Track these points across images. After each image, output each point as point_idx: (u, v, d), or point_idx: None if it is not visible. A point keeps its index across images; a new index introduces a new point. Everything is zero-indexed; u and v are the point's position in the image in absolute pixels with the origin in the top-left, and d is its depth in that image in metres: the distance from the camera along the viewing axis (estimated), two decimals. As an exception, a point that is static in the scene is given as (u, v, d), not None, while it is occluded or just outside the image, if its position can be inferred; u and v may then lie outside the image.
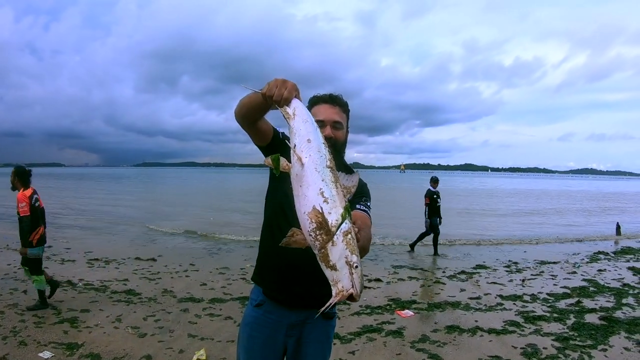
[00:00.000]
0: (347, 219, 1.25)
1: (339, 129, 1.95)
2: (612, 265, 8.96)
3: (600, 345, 4.54)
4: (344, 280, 1.22)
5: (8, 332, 4.61)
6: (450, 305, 5.98)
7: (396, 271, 8.33)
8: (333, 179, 1.33)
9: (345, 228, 1.24)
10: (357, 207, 1.86)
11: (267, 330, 2.00)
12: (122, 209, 21.74)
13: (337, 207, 1.27)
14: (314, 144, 1.40)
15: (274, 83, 1.50)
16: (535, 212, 23.60)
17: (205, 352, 4.24)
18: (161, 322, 5.15)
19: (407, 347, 4.52)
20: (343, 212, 1.26)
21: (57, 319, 5.07)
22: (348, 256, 1.22)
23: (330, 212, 1.26)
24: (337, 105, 1.98)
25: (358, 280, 1.23)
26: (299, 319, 1.96)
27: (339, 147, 1.95)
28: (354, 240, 1.24)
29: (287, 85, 1.50)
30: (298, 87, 1.54)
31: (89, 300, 5.89)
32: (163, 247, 11.07)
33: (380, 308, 5.83)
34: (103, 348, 4.31)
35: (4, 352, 4.08)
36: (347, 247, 1.22)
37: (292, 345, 2.02)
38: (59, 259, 8.62)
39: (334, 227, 1.24)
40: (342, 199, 1.30)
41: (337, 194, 1.30)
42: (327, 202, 1.27)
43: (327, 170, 1.34)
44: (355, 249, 1.24)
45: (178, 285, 6.84)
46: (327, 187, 1.30)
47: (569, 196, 42.24)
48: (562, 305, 6.01)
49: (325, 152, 1.40)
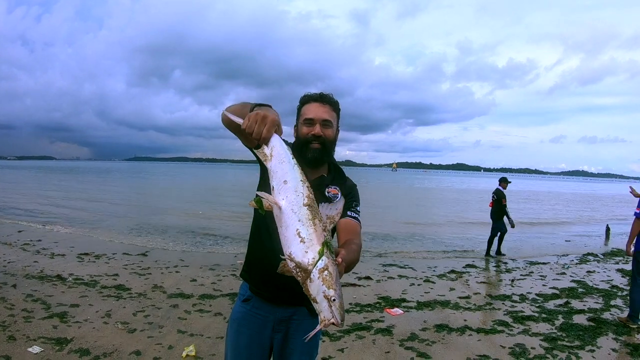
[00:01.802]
0: (324, 254, 1.31)
1: (328, 127, 1.95)
2: (601, 267, 9.04)
3: (588, 346, 4.58)
4: (325, 312, 1.29)
5: (-3, 327, 4.57)
6: (439, 304, 6.00)
7: (386, 269, 8.34)
8: (310, 217, 1.38)
9: (321, 265, 1.30)
10: (347, 215, 1.89)
11: (254, 326, 2.02)
12: (113, 204, 21.65)
13: (314, 246, 1.33)
14: (290, 184, 1.46)
15: (254, 118, 1.52)
16: (528, 212, 23.74)
17: (194, 348, 4.21)
18: (151, 317, 5.12)
19: (396, 345, 4.53)
20: (320, 249, 1.32)
21: (46, 314, 5.02)
22: (325, 291, 1.28)
23: (307, 251, 1.32)
24: (327, 104, 1.97)
25: (337, 312, 1.29)
26: (286, 315, 1.98)
27: (328, 145, 1.96)
28: (330, 275, 1.29)
29: (267, 121, 1.52)
30: (279, 122, 1.58)
31: (78, 295, 5.83)
32: (153, 242, 11.02)
33: (369, 306, 5.83)
34: (92, 343, 4.26)
35: (-8, 347, 4.03)
36: (324, 283, 1.29)
37: (279, 341, 2.03)
38: (48, 253, 8.53)
39: (310, 265, 1.30)
40: (320, 236, 1.35)
41: (314, 231, 1.35)
42: (303, 242, 1.33)
43: (304, 209, 1.40)
44: (333, 284, 1.29)
45: (168, 281, 6.80)
46: (304, 227, 1.36)
47: (560, 197, 42.58)
48: (551, 305, 6.05)
49: (302, 189, 1.45)
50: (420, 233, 14.29)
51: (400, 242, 12.41)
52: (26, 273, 6.81)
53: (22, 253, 8.36)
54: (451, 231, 15.05)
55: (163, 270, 7.56)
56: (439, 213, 21.38)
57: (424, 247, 11.69)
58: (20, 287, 5.99)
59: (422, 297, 6.35)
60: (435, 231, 14.92)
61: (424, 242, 12.47)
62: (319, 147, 1.92)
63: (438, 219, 18.54)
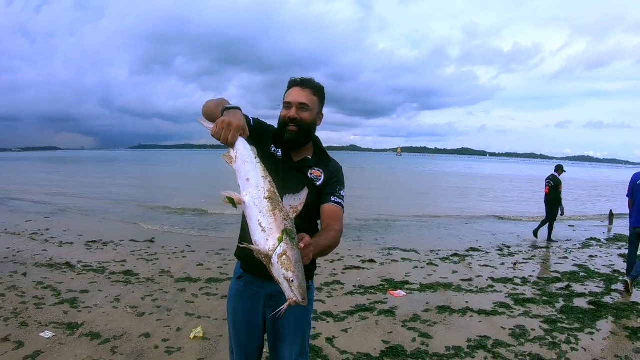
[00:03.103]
0: (283, 241, 1.48)
1: (305, 110, 2.03)
2: (604, 252, 9.10)
3: (587, 329, 4.64)
4: (287, 292, 1.49)
5: (9, 313, 4.67)
6: (442, 287, 6.10)
7: (390, 252, 8.46)
8: (271, 208, 1.54)
9: (280, 251, 1.47)
10: (330, 200, 2.02)
11: (248, 302, 2.15)
12: (118, 192, 21.82)
13: (274, 234, 1.50)
14: (252, 181, 1.63)
15: (220, 125, 1.70)
16: (531, 196, 23.75)
17: (202, 329, 4.34)
18: (159, 301, 5.25)
19: (398, 325, 4.63)
20: (279, 237, 1.49)
21: (57, 300, 5.15)
22: (284, 273, 1.47)
23: (267, 239, 1.50)
24: (307, 88, 2.06)
25: (297, 291, 1.47)
26: (276, 290, 2.05)
27: (305, 127, 2.05)
28: (289, 260, 1.46)
29: (231, 127, 1.69)
30: (244, 125, 1.73)
31: (87, 281, 5.97)
32: (160, 228, 11.16)
33: (373, 288, 5.95)
34: (103, 327, 4.40)
35: (6, 332, 4.15)
36: (282, 266, 1.47)
37: (271, 316, 2.12)
38: (57, 241, 8.67)
39: (271, 251, 1.48)
40: (280, 224, 1.51)
41: (274, 221, 1.52)
42: (264, 231, 1.51)
43: (265, 202, 1.56)
44: (291, 267, 1.46)
45: (175, 266, 6.93)
46: (264, 218, 1.53)
47: (565, 183, 42.35)
48: (552, 289, 6.13)
49: (263, 184, 1.62)
50: (425, 219, 14.36)
51: (402, 227, 12.49)
52: (35, 261, 6.95)
53: (31, 242, 8.51)
54: (458, 219, 15.07)
55: (170, 256, 7.70)
56: (448, 200, 21.36)
57: (430, 233, 11.75)
58: (31, 275, 6.13)
59: (425, 280, 6.45)
60: (441, 217, 14.97)
61: (430, 228, 12.53)
62: (295, 129, 2.02)
63: (446, 206, 18.55)
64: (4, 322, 4.42)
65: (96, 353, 3.81)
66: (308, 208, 1.99)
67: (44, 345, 3.93)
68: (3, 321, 4.45)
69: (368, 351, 3.97)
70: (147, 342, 4.08)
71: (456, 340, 4.24)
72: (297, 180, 2.03)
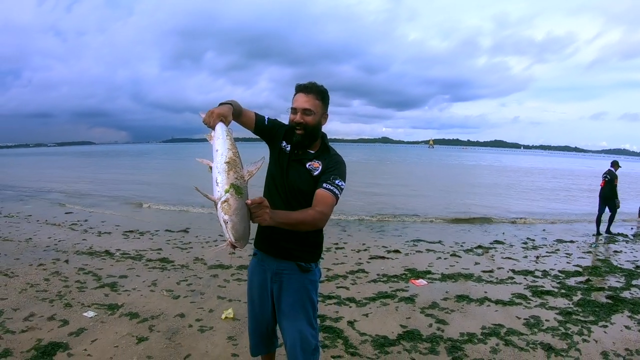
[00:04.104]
0: (228, 192, 1.81)
1: (309, 114, 2.32)
2: (629, 248, 9.02)
3: (602, 322, 4.69)
4: (225, 233, 1.81)
5: (54, 296, 5.06)
6: (463, 277, 6.27)
7: (415, 244, 8.65)
8: (226, 169, 1.88)
9: (223, 199, 1.80)
10: (322, 187, 2.26)
11: (261, 277, 2.47)
12: (153, 184, 22.56)
13: (223, 186, 1.83)
14: (219, 151, 1.98)
15: (208, 113, 2.10)
16: (564, 190, 23.39)
17: (232, 311, 4.65)
18: (193, 286, 5.61)
19: (417, 312, 4.85)
20: (227, 188, 1.81)
21: (97, 284, 5.54)
22: (223, 217, 1.80)
23: (219, 191, 1.84)
24: (311, 93, 2.34)
25: (231, 232, 1.79)
26: (280, 268, 2.38)
27: (309, 130, 2.34)
28: (229, 206, 1.79)
29: (213, 114, 2.08)
30: (226, 113, 2.13)
31: (126, 267, 6.36)
32: (194, 219, 11.60)
33: (396, 277, 6.17)
34: (141, 308, 4.77)
35: (51, 312, 4.53)
36: (222, 210, 1.80)
37: (276, 292, 2.42)
38: (95, 231, 9.17)
39: (217, 199, 1.83)
40: (229, 181, 1.84)
41: (225, 178, 1.85)
42: (217, 185, 1.87)
43: (224, 165, 1.90)
44: (229, 211, 1.79)
45: (208, 254, 7.28)
46: (220, 176, 1.88)
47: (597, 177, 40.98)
48: (572, 282, 6.19)
49: (226, 153, 1.96)
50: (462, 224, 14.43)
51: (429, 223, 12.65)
52: (76, 250, 7.40)
53: (71, 232, 8.99)
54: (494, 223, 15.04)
55: (203, 245, 8.10)
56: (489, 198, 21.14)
57: (456, 227, 11.83)
58: (72, 262, 6.56)
59: (447, 270, 6.63)
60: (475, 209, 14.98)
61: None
62: (302, 132, 2.32)
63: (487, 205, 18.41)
64: (49, 304, 4.82)
65: (135, 330, 4.17)
66: (304, 195, 2.33)
67: (87, 323, 4.31)
68: (48, 302, 4.85)
69: (386, 334, 4.21)
70: (182, 322, 4.43)
71: (471, 327, 4.43)
72: (298, 171, 2.37)
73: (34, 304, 4.78)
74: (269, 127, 2.46)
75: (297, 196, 2.33)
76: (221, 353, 3.77)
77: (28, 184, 21.32)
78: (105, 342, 3.90)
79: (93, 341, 3.90)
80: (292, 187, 2.34)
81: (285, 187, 2.34)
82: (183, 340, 3.99)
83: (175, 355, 3.71)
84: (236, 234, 1.80)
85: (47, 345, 3.75)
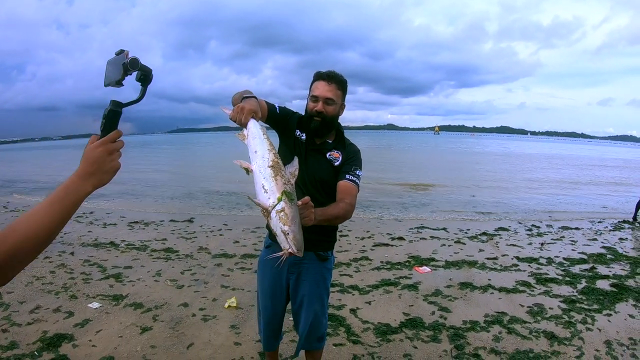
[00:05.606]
0: (282, 200, 1.70)
1: (331, 104, 2.28)
2: (635, 235, 8.97)
3: (606, 310, 4.67)
4: (283, 243, 1.69)
5: (60, 288, 5.10)
6: (466, 264, 6.26)
7: (419, 231, 8.64)
8: (273, 175, 1.77)
9: (279, 208, 1.69)
10: (345, 178, 2.26)
11: (274, 269, 2.42)
12: (157, 175, 22.59)
13: (275, 194, 1.72)
14: (259, 153, 1.87)
15: (236, 110, 1.97)
16: (571, 178, 23.25)
17: (236, 300, 4.69)
18: (197, 275, 5.65)
19: (420, 299, 4.86)
20: (279, 196, 1.70)
21: (102, 276, 5.57)
22: (282, 227, 1.68)
23: (269, 198, 1.72)
24: (334, 83, 2.29)
25: (292, 242, 1.68)
26: (297, 259, 2.31)
27: (328, 120, 2.30)
28: (286, 215, 1.67)
29: (244, 111, 1.95)
30: (256, 109, 2.00)
31: (131, 258, 6.40)
32: (198, 209, 11.69)
33: (399, 264, 6.18)
34: (145, 298, 4.82)
35: (57, 304, 4.57)
36: (280, 220, 1.68)
37: (293, 282, 2.43)
38: (101, 223, 9.19)
39: (270, 207, 1.70)
40: (281, 187, 1.74)
41: (275, 185, 1.74)
42: (266, 192, 1.73)
43: (269, 170, 1.79)
44: (288, 221, 1.68)
45: (212, 243, 7.32)
46: (267, 182, 1.75)
47: (605, 164, 40.76)
48: (576, 270, 6.15)
49: (268, 156, 1.85)
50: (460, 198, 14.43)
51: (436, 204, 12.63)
52: (82, 242, 7.43)
53: (77, 224, 8.97)
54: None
55: (208, 234, 8.11)
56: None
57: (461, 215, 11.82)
58: (78, 254, 6.59)
59: (451, 257, 6.62)
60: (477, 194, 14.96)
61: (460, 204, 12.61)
62: (320, 121, 2.28)
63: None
64: (55, 296, 4.86)
65: (139, 320, 4.22)
66: (324, 184, 2.31)
67: (92, 314, 4.35)
68: (54, 295, 4.89)
69: (388, 322, 4.24)
70: (185, 311, 4.47)
71: (474, 315, 4.44)
72: (318, 160, 2.35)
73: (39, 296, 4.82)
74: (282, 116, 2.40)
75: (317, 186, 2.33)
76: (224, 342, 3.81)
77: (35, 177, 21.47)
78: (109, 332, 3.94)
79: (98, 332, 3.94)
80: (312, 177, 2.33)
81: (304, 177, 2.31)
82: (186, 330, 4.03)
83: (178, 344, 3.75)
84: (297, 244, 1.71)
85: (53, 337, 3.79)
